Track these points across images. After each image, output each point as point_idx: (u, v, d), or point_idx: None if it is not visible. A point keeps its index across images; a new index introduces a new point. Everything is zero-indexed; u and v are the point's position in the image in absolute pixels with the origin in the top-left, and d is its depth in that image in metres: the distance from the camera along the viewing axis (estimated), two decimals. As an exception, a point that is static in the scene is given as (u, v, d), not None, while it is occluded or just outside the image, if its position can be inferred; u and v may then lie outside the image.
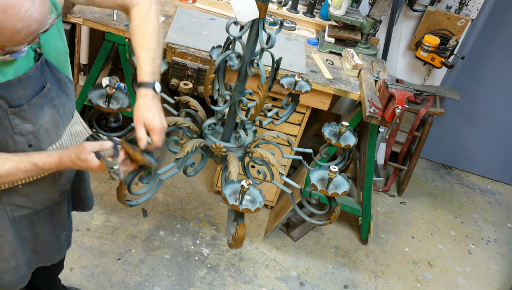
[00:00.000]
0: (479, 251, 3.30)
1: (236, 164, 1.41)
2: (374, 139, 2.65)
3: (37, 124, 1.27)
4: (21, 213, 1.44)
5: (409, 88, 2.24)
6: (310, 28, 2.97)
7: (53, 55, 1.29)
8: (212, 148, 1.46)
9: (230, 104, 1.42)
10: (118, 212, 2.79)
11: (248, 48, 1.33)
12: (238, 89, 1.41)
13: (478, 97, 3.62)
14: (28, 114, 1.24)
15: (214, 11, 2.84)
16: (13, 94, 1.18)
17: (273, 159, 1.47)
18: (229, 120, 1.46)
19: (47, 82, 1.27)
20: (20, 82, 1.18)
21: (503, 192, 3.96)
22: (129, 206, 1.36)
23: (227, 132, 1.49)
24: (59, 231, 1.64)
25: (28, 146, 1.28)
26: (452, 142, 3.89)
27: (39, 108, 1.26)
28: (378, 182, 3.59)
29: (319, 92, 2.49)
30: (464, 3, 3.09)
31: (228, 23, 1.27)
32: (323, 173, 1.40)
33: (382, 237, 3.18)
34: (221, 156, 1.48)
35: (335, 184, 1.37)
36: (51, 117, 1.31)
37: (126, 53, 2.53)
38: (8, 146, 1.24)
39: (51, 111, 1.31)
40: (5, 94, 1.16)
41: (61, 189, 1.54)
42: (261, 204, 1.24)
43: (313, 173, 1.40)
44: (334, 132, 1.55)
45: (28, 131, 1.26)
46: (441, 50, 3.06)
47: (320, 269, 2.83)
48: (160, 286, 2.48)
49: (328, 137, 1.52)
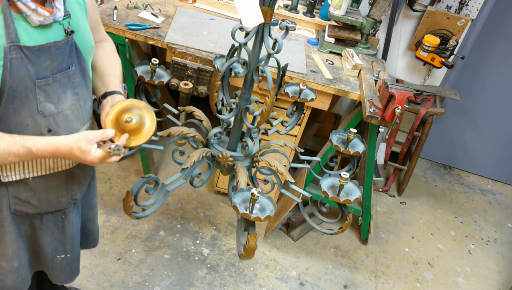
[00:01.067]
0: (479, 251, 3.30)
1: (245, 173, 1.40)
2: (374, 139, 2.65)
3: (58, 106, 1.27)
4: (24, 209, 1.40)
5: (409, 88, 2.24)
6: (310, 28, 2.97)
7: (82, 44, 1.32)
8: (218, 157, 1.44)
9: (236, 112, 1.40)
10: (118, 212, 2.79)
11: (254, 54, 1.30)
12: (244, 97, 1.38)
13: (478, 97, 3.62)
14: (52, 92, 1.24)
15: (214, 11, 2.84)
16: (42, 62, 1.19)
17: (282, 168, 1.44)
18: (235, 129, 1.44)
19: (73, 65, 1.30)
20: (49, 50, 1.21)
21: (503, 192, 3.96)
22: (136, 218, 1.34)
23: (233, 142, 1.47)
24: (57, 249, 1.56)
25: (48, 130, 1.27)
26: (452, 142, 3.89)
27: (62, 89, 1.27)
28: (378, 182, 3.59)
29: (319, 92, 2.49)
30: (464, 3, 3.09)
31: (233, 29, 1.24)
32: (333, 180, 1.39)
33: (382, 237, 3.18)
34: (228, 165, 1.46)
35: (346, 191, 1.36)
36: (72, 105, 1.31)
37: (126, 53, 2.53)
38: (28, 129, 1.23)
39: (72, 98, 1.31)
40: (35, 60, 1.18)
41: (71, 195, 1.49)
42: (272, 212, 1.23)
43: (323, 180, 1.39)
44: (342, 140, 1.53)
45: (50, 112, 1.26)
46: (441, 50, 3.06)
47: (320, 269, 2.83)
48: (160, 286, 2.48)
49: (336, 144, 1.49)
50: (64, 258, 1.61)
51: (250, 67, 1.32)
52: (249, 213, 1.22)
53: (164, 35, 2.45)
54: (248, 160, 1.48)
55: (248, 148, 1.45)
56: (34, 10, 1.14)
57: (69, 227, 1.56)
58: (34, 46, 1.17)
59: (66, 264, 1.63)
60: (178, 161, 1.44)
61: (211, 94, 1.35)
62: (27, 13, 1.14)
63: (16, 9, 1.14)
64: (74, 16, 1.30)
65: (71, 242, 1.60)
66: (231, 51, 1.36)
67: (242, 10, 1.21)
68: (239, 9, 1.21)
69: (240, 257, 1.32)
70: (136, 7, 2.63)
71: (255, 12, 1.21)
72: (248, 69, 1.33)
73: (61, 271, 1.64)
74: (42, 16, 1.16)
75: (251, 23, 1.22)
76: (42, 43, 1.19)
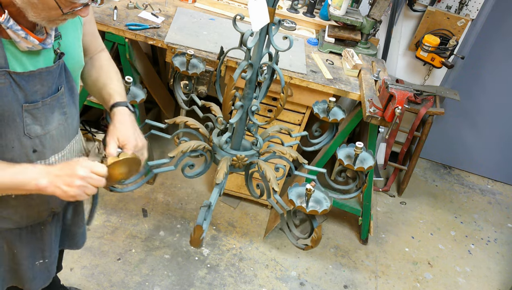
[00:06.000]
0: (479, 251, 3.30)
1: (269, 167, 1.42)
2: (374, 139, 2.65)
3: (45, 128, 1.26)
4: (4, 225, 1.38)
5: (409, 88, 2.24)
6: (310, 28, 2.97)
7: (71, 63, 1.31)
8: (233, 160, 1.44)
9: (242, 113, 1.40)
10: (118, 212, 2.80)
11: (257, 55, 1.31)
12: (248, 97, 1.39)
13: (478, 97, 3.62)
14: (40, 115, 1.23)
15: (214, 11, 2.84)
16: (32, 87, 1.18)
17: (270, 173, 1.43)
18: (240, 128, 1.45)
19: (62, 86, 1.28)
20: (40, 76, 1.19)
21: (503, 192, 3.96)
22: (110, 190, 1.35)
23: (237, 141, 1.47)
24: (35, 256, 1.55)
25: (33, 151, 1.26)
26: (452, 142, 3.89)
27: (50, 111, 1.26)
28: (378, 182, 3.59)
29: (319, 92, 2.49)
30: (464, 3, 3.09)
31: (246, 36, 1.24)
32: (349, 149, 1.48)
33: (382, 237, 3.18)
34: (243, 165, 1.47)
35: (361, 159, 1.46)
36: (59, 124, 1.31)
37: (126, 53, 2.53)
38: (13, 151, 1.22)
39: (60, 118, 1.30)
40: (24, 85, 1.16)
41: (51, 208, 1.47)
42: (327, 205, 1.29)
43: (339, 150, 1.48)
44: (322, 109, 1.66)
45: (37, 134, 1.25)
46: (441, 50, 3.06)
47: (320, 269, 2.83)
48: (160, 286, 2.48)
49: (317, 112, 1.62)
50: (42, 263, 1.59)
51: (254, 68, 1.33)
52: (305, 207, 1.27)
53: (164, 35, 2.45)
54: (257, 155, 1.51)
55: (259, 143, 1.47)
56: (23, 38, 1.12)
57: (48, 235, 1.55)
58: (24, 72, 1.16)
59: (44, 268, 1.61)
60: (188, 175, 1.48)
61: (225, 103, 1.34)
62: (16, 40, 1.12)
63: (5, 35, 1.12)
64: (65, 36, 1.28)
65: (49, 248, 1.58)
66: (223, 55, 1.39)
67: (254, 14, 1.21)
68: (252, 13, 1.21)
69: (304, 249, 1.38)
70: (136, 7, 2.63)
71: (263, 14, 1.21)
72: (253, 70, 1.33)
73: (40, 277, 1.61)
74: (31, 43, 1.14)
75: (260, 25, 1.22)
76: (32, 68, 1.17)
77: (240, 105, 1.39)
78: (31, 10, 1.07)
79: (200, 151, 1.47)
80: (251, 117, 1.41)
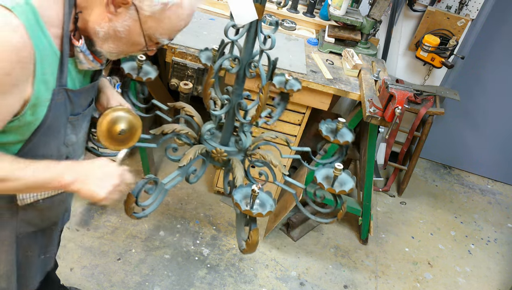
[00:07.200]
0: (479, 251, 3.30)
1: (241, 168, 1.41)
2: (374, 139, 2.65)
3: (77, 136, 1.32)
4: (26, 230, 1.40)
5: (409, 88, 2.24)
6: (310, 28, 2.97)
7: None
8: (212, 153, 1.45)
9: (229, 108, 1.41)
10: (118, 212, 2.79)
11: (246, 51, 1.32)
12: (236, 92, 1.39)
13: (478, 97, 3.62)
14: (78, 125, 1.29)
15: (214, 11, 2.84)
16: (79, 101, 1.24)
17: (275, 160, 1.46)
18: (228, 124, 1.45)
19: (93, 98, 1.35)
20: (87, 92, 1.26)
21: (503, 192, 3.97)
22: (136, 218, 1.36)
23: (226, 136, 1.48)
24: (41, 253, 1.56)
25: (65, 157, 1.31)
26: (452, 142, 3.89)
27: (83, 121, 1.32)
28: (378, 182, 3.59)
29: (319, 92, 2.49)
30: (464, 3, 3.09)
31: (226, 26, 1.25)
32: (327, 171, 1.41)
33: (382, 237, 3.18)
34: (222, 160, 1.46)
35: (340, 181, 1.38)
36: (84, 133, 1.37)
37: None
38: (51, 158, 1.25)
39: (85, 126, 1.36)
40: (75, 100, 1.22)
41: (66, 208, 1.52)
42: (272, 207, 1.24)
43: (318, 172, 1.40)
44: (331, 129, 1.58)
45: (72, 142, 1.30)
46: (441, 50, 3.06)
47: (320, 269, 2.83)
48: (160, 286, 2.48)
49: (326, 135, 1.54)
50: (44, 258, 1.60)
51: (242, 64, 1.33)
52: (250, 209, 1.22)
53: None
54: (242, 154, 1.49)
55: (242, 142, 1.46)
56: (90, 61, 1.18)
57: (56, 233, 1.58)
58: (78, 89, 1.21)
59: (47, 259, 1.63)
60: (172, 158, 1.45)
61: (205, 91, 1.37)
62: (82, 62, 1.17)
63: (71, 54, 1.16)
64: None
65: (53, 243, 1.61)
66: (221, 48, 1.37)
67: (235, 7, 1.21)
68: (232, 6, 1.22)
69: (242, 252, 1.32)
70: (136, 7, 2.63)
71: (248, 9, 1.21)
72: (240, 65, 1.34)
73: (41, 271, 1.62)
74: (93, 65, 1.20)
75: (244, 20, 1.23)
76: (78, 84, 1.23)
77: (226, 98, 1.39)
78: (112, 42, 1.11)
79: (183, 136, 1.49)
80: (237, 113, 1.41)
